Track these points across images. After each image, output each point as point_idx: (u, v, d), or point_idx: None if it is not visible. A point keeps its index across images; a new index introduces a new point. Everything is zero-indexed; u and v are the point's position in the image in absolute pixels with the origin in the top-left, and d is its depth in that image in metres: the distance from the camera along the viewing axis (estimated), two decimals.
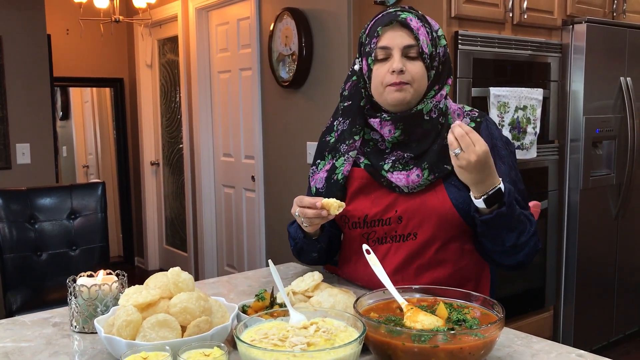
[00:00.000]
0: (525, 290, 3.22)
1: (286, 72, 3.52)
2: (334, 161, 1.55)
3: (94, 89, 6.17)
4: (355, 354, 0.97)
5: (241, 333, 1.03)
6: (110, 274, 1.38)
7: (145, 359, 0.96)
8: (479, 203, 1.33)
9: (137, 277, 5.10)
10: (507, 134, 2.90)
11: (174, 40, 4.92)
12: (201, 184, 4.61)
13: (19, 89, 3.82)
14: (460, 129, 1.27)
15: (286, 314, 1.11)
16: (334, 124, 1.59)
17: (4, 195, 2.86)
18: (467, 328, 1.07)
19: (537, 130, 3.06)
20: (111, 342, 1.08)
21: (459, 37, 2.74)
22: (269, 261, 1.27)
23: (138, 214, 5.64)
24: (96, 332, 1.25)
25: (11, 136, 3.81)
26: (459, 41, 2.74)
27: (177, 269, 1.19)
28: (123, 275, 1.38)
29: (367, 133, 1.52)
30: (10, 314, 2.69)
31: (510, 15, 2.94)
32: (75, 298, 1.31)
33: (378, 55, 1.43)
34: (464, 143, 1.26)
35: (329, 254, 1.65)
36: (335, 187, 1.53)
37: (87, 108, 6.50)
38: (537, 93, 3.05)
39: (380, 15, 1.47)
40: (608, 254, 3.47)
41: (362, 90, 1.50)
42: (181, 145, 4.98)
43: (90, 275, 1.37)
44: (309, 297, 1.27)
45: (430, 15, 1.53)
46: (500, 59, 2.93)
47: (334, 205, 1.38)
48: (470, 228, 1.46)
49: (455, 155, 1.28)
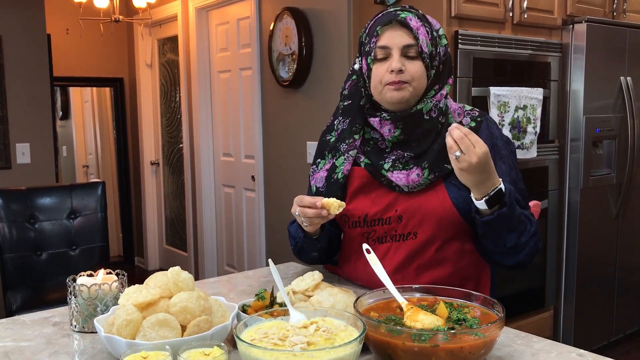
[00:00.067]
0: (526, 290, 3.22)
1: (286, 71, 3.52)
2: (334, 160, 1.55)
3: (94, 88, 6.17)
4: (355, 353, 0.97)
5: (241, 332, 1.02)
6: (110, 273, 1.38)
7: (145, 358, 0.96)
8: (481, 204, 1.33)
9: (137, 277, 5.10)
10: (507, 134, 2.90)
11: (174, 39, 4.92)
12: (201, 183, 4.61)
13: (19, 89, 3.82)
14: (458, 132, 1.26)
15: (286, 313, 1.11)
16: (334, 122, 1.59)
17: (4, 195, 2.86)
18: (467, 327, 1.07)
19: (537, 129, 3.06)
20: (111, 341, 1.08)
21: (459, 36, 2.74)
22: (269, 260, 1.27)
23: (138, 214, 5.64)
24: (96, 332, 1.24)
25: (11, 136, 3.81)
26: (459, 41, 2.74)
27: (177, 268, 1.19)
28: (123, 275, 1.38)
29: (367, 132, 1.52)
30: (10, 313, 2.68)
31: (511, 14, 2.94)
32: (75, 297, 1.30)
33: (377, 54, 1.43)
34: (464, 145, 1.25)
35: (329, 253, 1.65)
36: (335, 186, 1.53)
37: (87, 108, 6.50)
38: (537, 93, 3.05)
39: (380, 15, 1.47)
40: (608, 253, 3.47)
41: (362, 89, 1.50)
42: (181, 145, 4.98)
43: (90, 275, 1.37)
44: (309, 296, 1.27)
45: (430, 15, 1.52)
46: (501, 59, 2.93)
47: (334, 205, 1.38)
48: (470, 227, 1.46)
49: (455, 158, 1.27)
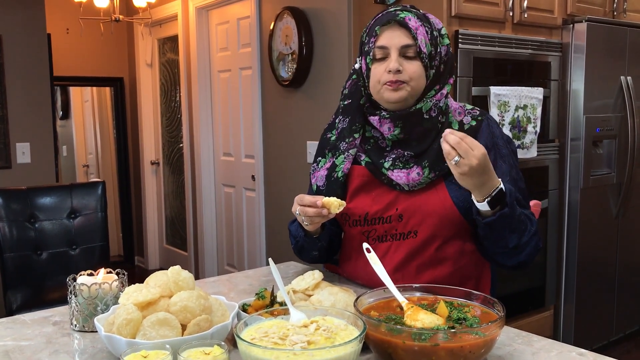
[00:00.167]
0: (526, 290, 3.22)
1: (286, 71, 3.52)
2: (334, 159, 1.56)
3: (94, 88, 6.17)
4: (355, 352, 0.97)
5: (241, 331, 1.02)
6: (110, 272, 1.38)
7: (145, 357, 0.96)
8: (483, 206, 1.32)
9: (137, 276, 5.10)
10: (507, 133, 2.88)
11: (174, 39, 4.92)
12: (201, 183, 4.61)
13: (19, 89, 3.82)
14: (453, 137, 1.25)
15: (286, 312, 1.11)
16: (335, 121, 1.59)
17: (4, 194, 2.86)
18: (467, 327, 1.07)
19: (538, 129, 3.06)
20: (111, 340, 1.08)
21: (459, 36, 2.74)
22: (270, 260, 1.27)
23: (138, 213, 5.64)
24: (96, 331, 1.25)
25: (11, 135, 3.81)
26: (459, 40, 2.74)
27: (178, 267, 1.19)
28: (123, 274, 1.38)
29: (368, 130, 1.52)
30: (10, 312, 2.68)
31: (511, 14, 2.94)
32: (75, 297, 1.30)
33: (376, 54, 1.44)
34: (462, 149, 1.24)
35: (329, 252, 1.65)
36: (335, 185, 1.53)
37: (87, 107, 6.50)
38: (538, 92, 3.05)
39: (380, 15, 1.47)
40: (608, 253, 3.47)
41: (362, 88, 1.51)
42: (181, 145, 4.98)
43: (91, 274, 1.37)
44: (310, 295, 1.27)
45: (431, 14, 1.52)
46: (501, 58, 2.93)
47: (334, 204, 1.39)
48: (470, 227, 1.46)
49: (455, 164, 1.25)
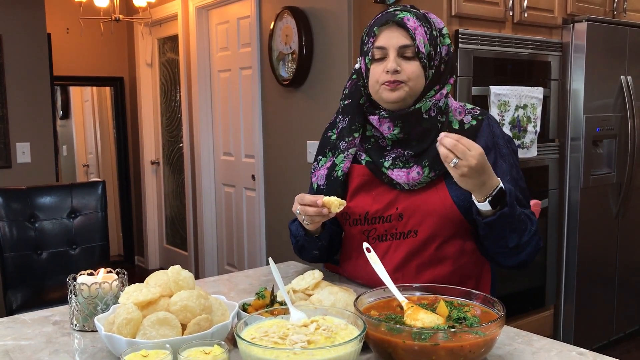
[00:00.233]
0: (526, 289, 3.22)
1: (286, 70, 3.52)
2: (334, 158, 1.56)
3: (94, 88, 6.17)
4: (355, 352, 0.97)
5: (241, 331, 1.02)
6: (110, 272, 1.38)
7: (145, 357, 0.96)
8: (484, 206, 1.31)
9: (137, 276, 5.10)
10: (507, 133, 2.89)
11: (174, 39, 4.92)
12: (201, 183, 4.61)
13: (19, 88, 3.82)
14: (449, 139, 1.24)
15: (286, 312, 1.11)
16: (337, 119, 1.59)
17: (4, 194, 2.86)
18: (467, 326, 1.07)
19: (538, 129, 3.06)
20: (111, 340, 1.08)
21: (459, 35, 2.74)
22: (270, 259, 1.27)
23: (138, 213, 5.64)
24: (96, 330, 1.25)
25: (11, 135, 3.81)
26: (459, 40, 2.74)
27: (178, 267, 1.19)
28: (123, 274, 1.38)
29: (368, 130, 1.53)
30: (10, 312, 2.68)
31: (511, 13, 2.94)
32: (75, 296, 1.30)
33: (375, 54, 1.45)
34: (459, 151, 1.24)
35: (330, 251, 1.65)
36: (335, 184, 1.54)
37: (87, 107, 6.50)
38: (538, 92, 3.04)
39: (379, 15, 1.48)
40: (608, 252, 3.47)
41: (362, 88, 1.52)
42: (181, 144, 4.97)
43: (91, 274, 1.37)
44: (310, 295, 1.27)
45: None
46: (501, 58, 2.93)
47: (334, 204, 1.39)
48: (470, 226, 1.46)
49: (453, 166, 1.25)
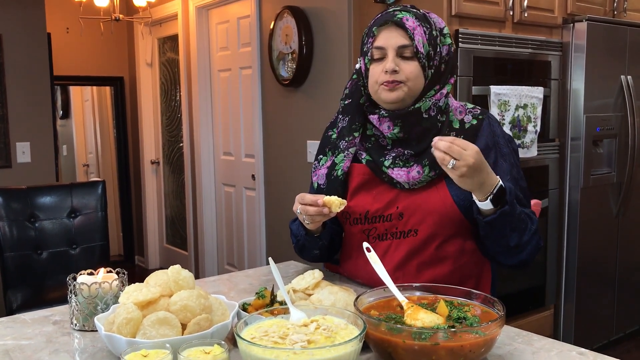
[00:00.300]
0: (526, 289, 3.22)
1: (286, 70, 3.52)
2: (334, 158, 1.56)
3: (94, 87, 6.16)
4: (355, 351, 0.97)
5: (241, 331, 1.02)
6: (110, 272, 1.38)
7: (145, 356, 0.96)
8: (486, 205, 1.31)
9: (137, 275, 5.10)
10: (507, 132, 2.89)
11: (174, 38, 4.92)
12: (201, 182, 4.61)
13: (19, 88, 3.82)
14: (443, 142, 1.24)
15: (286, 311, 1.11)
16: (337, 119, 1.60)
17: (4, 193, 2.86)
18: (467, 326, 1.07)
19: (538, 128, 3.05)
20: (111, 339, 1.08)
21: (460, 35, 2.74)
22: (270, 259, 1.27)
23: (138, 213, 5.64)
24: (96, 330, 1.25)
25: (11, 135, 3.81)
26: (460, 39, 2.74)
27: (178, 266, 1.19)
28: (123, 274, 1.38)
29: (369, 129, 1.53)
30: (10, 312, 2.68)
31: (511, 13, 2.94)
32: (75, 296, 1.30)
33: (374, 55, 1.45)
34: (455, 152, 1.23)
35: (330, 251, 1.65)
36: (336, 183, 1.54)
37: (87, 107, 6.50)
38: (538, 91, 3.04)
39: (379, 15, 1.49)
40: (609, 252, 3.47)
41: (362, 88, 1.52)
42: (181, 144, 4.97)
43: (91, 274, 1.37)
44: (310, 295, 1.27)
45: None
46: (501, 57, 2.92)
47: (335, 203, 1.39)
48: (471, 225, 1.46)
49: (452, 168, 1.24)
